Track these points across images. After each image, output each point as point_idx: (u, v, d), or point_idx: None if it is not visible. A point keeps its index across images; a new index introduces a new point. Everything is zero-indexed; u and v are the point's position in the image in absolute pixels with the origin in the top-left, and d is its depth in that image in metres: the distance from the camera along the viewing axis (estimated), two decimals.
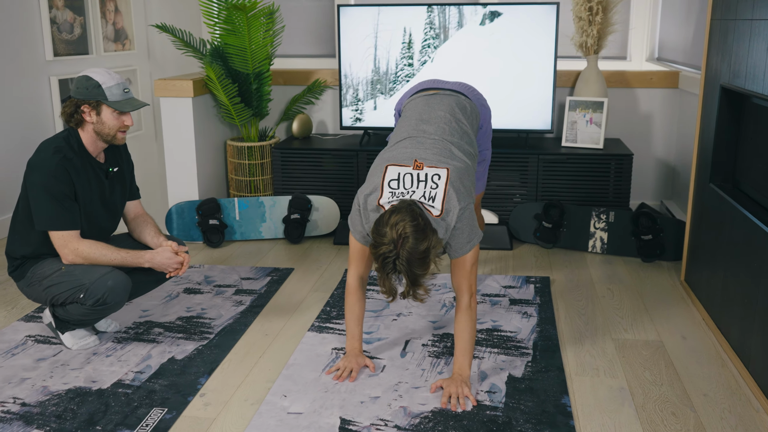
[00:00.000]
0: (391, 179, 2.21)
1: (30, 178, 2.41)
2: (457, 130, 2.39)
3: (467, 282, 2.28)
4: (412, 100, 2.56)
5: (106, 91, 2.43)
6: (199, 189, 3.88)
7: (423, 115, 2.41)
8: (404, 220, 2.04)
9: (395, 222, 2.04)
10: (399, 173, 2.21)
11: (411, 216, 2.05)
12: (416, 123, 2.39)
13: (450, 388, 2.24)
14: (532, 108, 3.84)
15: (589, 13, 3.78)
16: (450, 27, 3.80)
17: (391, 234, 2.03)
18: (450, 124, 2.38)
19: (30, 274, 2.50)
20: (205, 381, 2.37)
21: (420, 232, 2.04)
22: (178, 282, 3.21)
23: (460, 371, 2.28)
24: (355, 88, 3.93)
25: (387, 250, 2.04)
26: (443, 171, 2.20)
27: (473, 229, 2.24)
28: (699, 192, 3.00)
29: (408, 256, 2.03)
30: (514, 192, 3.79)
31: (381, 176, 2.23)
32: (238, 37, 3.76)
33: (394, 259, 2.05)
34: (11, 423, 2.13)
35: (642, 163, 4.18)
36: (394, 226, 2.04)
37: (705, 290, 2.86)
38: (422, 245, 2.04)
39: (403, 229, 2.03)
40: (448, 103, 2.46)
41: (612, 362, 2.48)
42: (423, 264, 2.06)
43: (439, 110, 2.42)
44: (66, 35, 4.28)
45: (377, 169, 2.28)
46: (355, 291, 2.40)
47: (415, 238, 2.03)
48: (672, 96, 4.10)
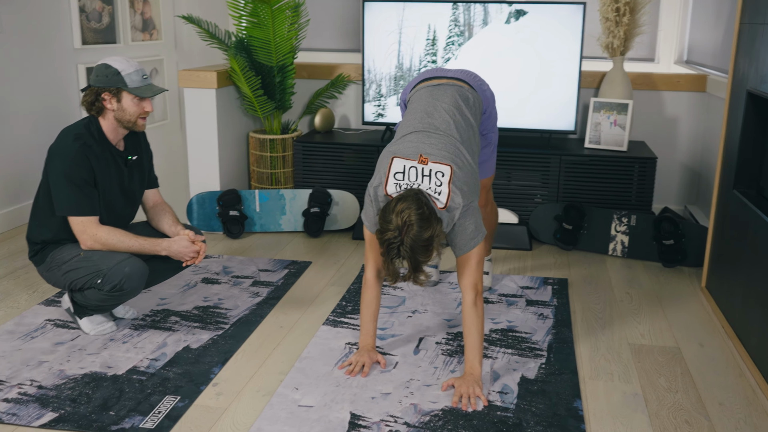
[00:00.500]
0: (396, 171, 2.24)
1: (51, 164, 2.44)
2: (462, 124, 2.40)
3: (472, 279, 2.30)
4: (417, 91, 2.56)
5: (125, 78, 2.46)
6: (221, 180, 3.91)
7: (428, 108, 2.42)
8: (410, 208, 2.09)
9: (401, 209, 2.09)
10: (404, 166, 2.24)
11: (417, 204, 2.10)
12: (422, 116, 2.39)
13: (461, 388, 2.24)
14: (555, 108, 3.81)
15: (616, 13, 3.74)
16: (475, 25, 3.78)
17: (397, 221, 2.09)
18: (455, 117, 2.39)
19: (50, 259, 2.54)
20: (218, 371, 2.39)
21: (424, 220, 2.09)
22: (196, 271, 3.24)
23: (471, 370, 2.29)
24: (378, 83, 3.93)
25: (392, 236, 2.10)
26: (447, 168, 2.22)
27: (477, 227, 2.27)
28: (722, 198, 2.95)
29: (412, 243, 2.09)
30: (535, 192, 3.76)
31: (387, 168, 2.26)
32: (262, 29, 3.77)
33: (398, 245, 2.10)
34: (27, 405, 2.16)
35: (666, 166, 4.13)
36: (400, 213, 2.09)
37: (725, 298, 2.82)
38: (426, 233, 2.09)
39: (408, 216, 2.08)
40: (452, 95, 2.47)
41: (627, 367, 2.46)
42: (426, 251, 2.12)
43: (444, 102, 2.43)
44: (94, 24, 4.32)
45: (383, 161, 2.30)
46: (372, 286, 2.42)
47: (419, 226, 2.08)
48: (699, 100, 4.04)
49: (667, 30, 4.14)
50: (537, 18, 3.72)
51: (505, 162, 3.73)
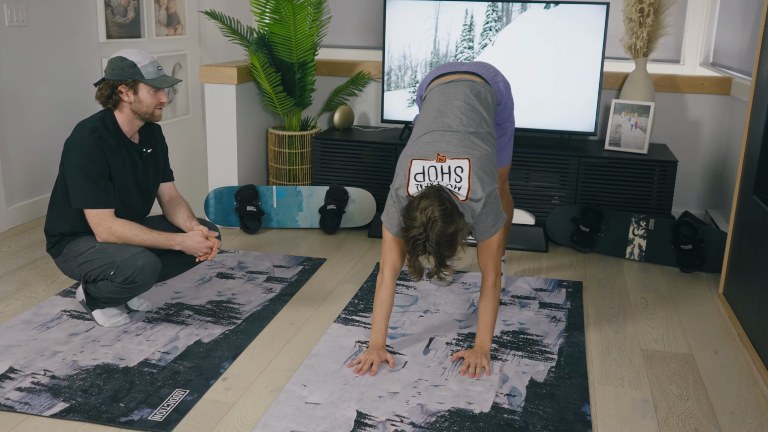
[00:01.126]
0: (416, 173, 2.31)
1: (67, 157, 2.48)
2: (475, 119, 2.44)
3: (492, 263, 2.42)
4: (431, 90, 2.60)
5: (141, 69, 2.49)
6: (239, 175, 3.93)
7: (441, 107, 2.47)
8: (433, 205, 2.17)
9: (424, 207, 2.17)
10: (423, 167, 2.31)
11: (439, 201, 2.18)
12: (435, 116, 2.45)
13: (470, 359, 2.41)
14: (575, 109, 3.77)
15: (640, 14, 3.69)
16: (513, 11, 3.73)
17: (421, 218, 2.16)
18: (467, 113, 2.44)
19: (66, 251, 2.58)
20: (228, 365, 2.41)
21: (448, 216, 2.17)
22: (211, 266, 3.27)
23: (481, 344, 2.45)
24: (414, 69, 3.90)
25: (417, 233, 2.17)
26: (465, 162, 2.29)
27: (498, 214, 2.36)
28: (742, 203, 2.91)
29: (437, 238, 2.16)
30: (552, 194, 3.73)
31: (407, 170, 2.33)
32: (284, 26, 3.78)
33: (423, 241, 2.18)
34: (39, 394, 2.20)
35: (688, 170, 4.07)
36: (424, 210, 2.17)
37: (742, 305, 2.77)
38: (450, 228, 2.17)
39: (432, 213, 2.16)
40: (463, 91, 2.51)
41: (638, 373, 2.43)
42: (451, 246, 2.20)
43: (456, 99, 2.48)
44: (119, 18, 4.37)
45: (403, 164, 2.37)
46: (387, 286, 2.45)
47: (443, 221, 2.16)
48: (723, 103, 3.98)
49: (693, 31, 4.07)
50: (559, 17, 3.68)
51: (523, 163, 3.70)
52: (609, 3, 3.65)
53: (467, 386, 2.31)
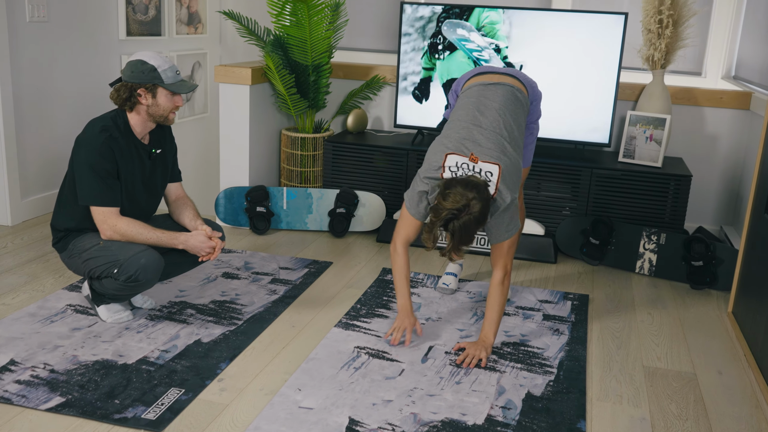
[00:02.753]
0: (449, 165, 2.43)
1: (77, 154, 2.51)
2: (511, 124, 2.55)
3: (503, 261, 2.55)
4: (470, 87, 2.69)
5: (162, 74, 2.51)
6: (250, 175, 3.95)
7: (480, 106, 2.56)
8: (476, 198, 2.29)
9: (466, 197, 2.28)
10: (457, 162, 2.42)
11: (483, 198, 2.31)
12: (474, 114, 2.54)
13: (470, 349, 2.52)
14: (590, 120, 3.74)
15: (659, 26, 3.64)
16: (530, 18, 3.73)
17: (462, 199, 2.27)
18: (504, 117, 2.53)
19: (71, 247, 2.60)
20: (225, 366, 2.42)
21: (483, 214, 2.31)
22: (218, 265, 3.28)
23: (484, 337, 2.55)
24: None
25: (454, 207, 2.27)
26: (495, 168, 2.39)
27: (513, 221, 2.49)
28: (754, 222, 2.86)
29: (465, 223, 2.29)
30: (563, 205, 3.70)
31: (442, 162, 2.44)
32: (300, 28, 3.79)
33: (452, 218, 2.28)
34: (37, 388, 2.22)
35: (703, 185, 4.01)
36: (463, 197, 2.28)
37: (750, 325, 2.72)
38: (479, 223, 2.32)
39: (474, 202, 2.28)
40: (503, 95, 2.61)
41: (638, 390, 2.40)
42: (471, 237, 2.34)
43: (495, 102, 2.57)
44: (140, 16, 4.42)
45: (437, 155, 2.47)
46: (401, 254, 2.60)
47: (476, 218, 2.29)
48: (742, 118, 3.91)
49: (716, 44, 4.02)
50: (576, 27, 3.65)
51: (535, 172, 3.67)
52: (627, 13, 3.61)
53: (462, 397, 2.29)
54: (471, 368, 2.47)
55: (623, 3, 4.11)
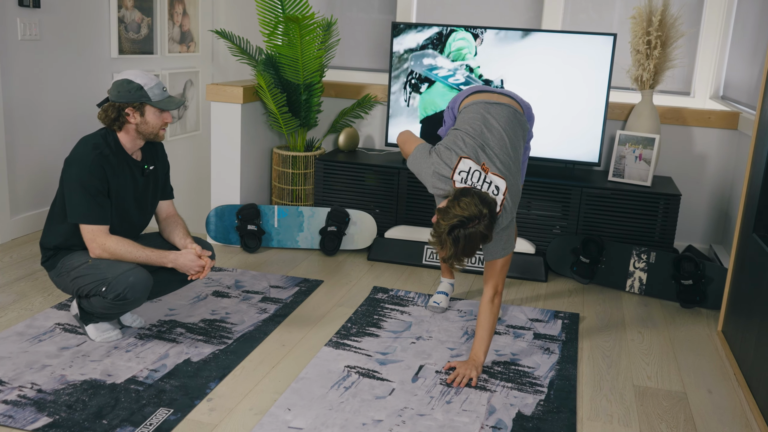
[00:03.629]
0: (462, 170, 2.46)
1: (67, 172, 2.50)
2: (514, 144, 2.60)
3: (494, 280, 2.59)
4: (472, 104, 2.72)
5: (148, 92, 2.51)
6: (241, 193, 3.95)
7: (486, 123, 2.61)
8: (484, 214, 2.31)
9: (480, 209, 2.30)
10: (470, 168, 2.46)
11: (491, 214, 2.34)
12: (481, 129, 2.58)
13: (460, 369, 2.53)
14: (580, 139, 3.76)
15: (647, 46, 3.68)
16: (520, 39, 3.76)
17: (470, 210, 2.29)
18: (509, 136, 2.59)
19: (60, 265, 2.59)
20: (214, 386, 2.40)
21: (489, 229, 2.34)
22: (208, 284, 3.27)
23: (475, 356, 2.56)
24: None
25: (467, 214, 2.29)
26: (502, 183, 2.45)
27: (510, 240, 2.57)
28: (743, 241, 2.87)
29: (470, 235, 2.31)
30: (553, 223, 3.71)
31: (455, 164, 2.47)
32: (291, 47, 3.81)
33: (458, 226, 2.30)
34: (24, 408, 2.20)
35: (693, 204, 4.04)
36: (476, 208, 2.30)
37: (740, 344, 2.73)
38: (483, 239, 2.34)
39: (481, 216, 2.30)
40: (507, 116, 2.66)
41: (628, 410, 2.40)
42: (473, 250, 2.35)
43: (499, 122, 2.62)
44: (132, 35, 4.43)
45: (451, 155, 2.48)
46: None
47: (482, 232, 2.32)
48: (730, 137, 3.95)
49: (704, 64, 4.06)
50: (565, 48, 3.69)
51: (525, 191, 3.69)
52: (616, 34, 3.65)
53: (453, 416, 2.28)
54: (462, 387, 2.47)
55: (612, 24, 4.15)
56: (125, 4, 4.32)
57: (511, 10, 4.25)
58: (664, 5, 3.67)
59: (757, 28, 3.65)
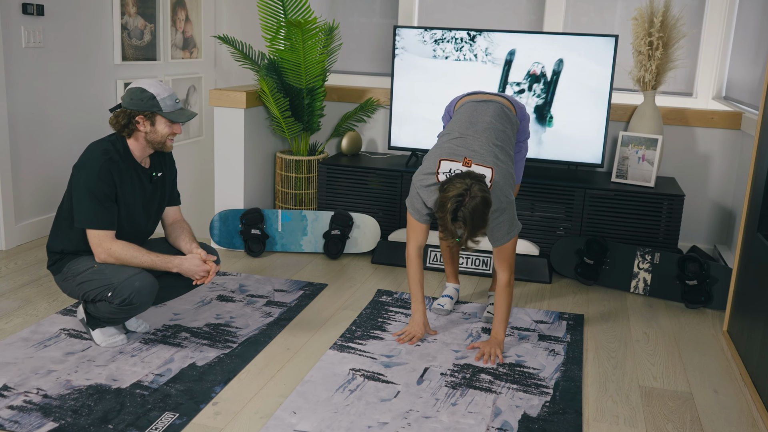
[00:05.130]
0: (443, 171, 2.55)
1: (76, 177, 2.51)
2: (501, 135, 2.69)
3: (507, 263, 2.69)
4: (463, 105, 2.86)
5: (160, 102, 2.52)
6: (245, 198, 3.96)
7: (472, 118, 2.72)
8: (475, 183, 2.41)
9: (464, 182, 2.40)
10: (451, 168, 2.54)
11: (481, 182, 2.43)
12: (466, 125, 2.70)
13: (485, 348, 2.70)
14: (583, 141, 3.76)
15: (649, 47, 3.68)
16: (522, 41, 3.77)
17: (464, 185, 2.39)
18: (495, 128, 2.69)
19: (66, 269, 2.60)
20: (220, 390, 2.40)
21: (485, 197, 2.41)
22: (213, 288, 3.28)
23: (495, 335, 2.73)
24: None
25: (457, 193, 2.38)
26: (488, 171, 2.52)
27: (512, 223, 2.62)
28: (747, 240, 2.87)
29: (474, 205, 2.38)
30: (557, 225, 3.71)
31: (435, 168, 2.57)
32: (294, 52, 3.82)
33: (459, 205, 2.38)
34: (30, 413, 2.20)
35: (697, 204, 4.03)
36: (461, 182, 2.41)
37: (745, 344, 2.72)
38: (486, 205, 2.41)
39: (474, 185, 2.40)
40: (494, 110, 2.77)
41: (634, 410, 2.39)
42: (483, 218, 2.42)
43: (486, 116, 2.73)
44: (136, 41, 4.45)
45: (431, 162, 2.61)
46: (416, 259, 2.78)
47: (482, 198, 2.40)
48: (733, 137, 3.94)
49: (707, 65, 4.06)
50: (568, 49, 3.69)
51: (528, 193, 3.69)
52: (618, 35, 3.65)
53: (458, 418, 2.28)
54: (492, 364, 2.64)
55: (614, 26, 4.16)
56: (128, 11, 4.34)
57: (513, 12, 4.25)
58: (666, 6, 3.67)
59: (759, 27, 3.64)
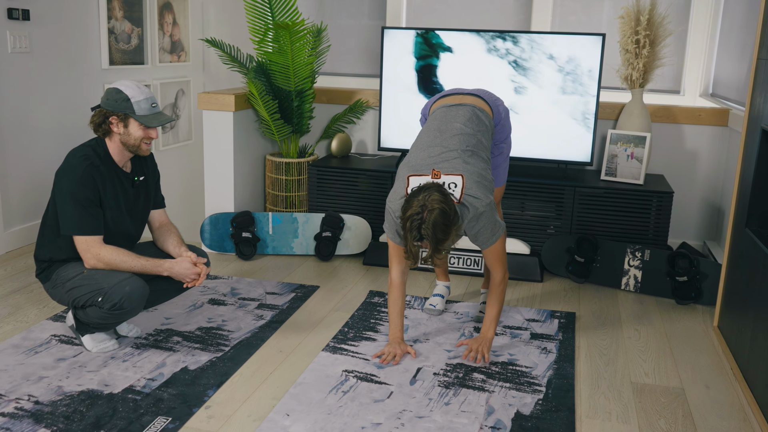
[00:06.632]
0: (412, 186, 2.49)
1: (58, 184, 2.50)
2: (471, 141, 2.62)
3: (498, 262, 2.65)
4: (434, 111, 2.80)
5: (134, 105, 2.50)
6: (235, 201, 3.95)
7: (441, 126, 2.66)
8: (431, 191, 2.36)
9: (424, 195, 2.35)
10: (420, 183, 2.48)
11: (437, 189, 2.38)
12: (435, 134, 2.64)
13: (472, 345, 2.68)
14: (572, 139, 3.77)
15: (636, 46, 3.70)
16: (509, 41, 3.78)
17: (420, 201, 2.34)
18: (465, 134, 2.62)
19: (55, 277, 2.58)
20: (212, 393, 2.40)
21: (444, 201, 2.34)
22: (204, 292, 3.27)
23: (485, 333, 2.71)
24: None
25: (414, 212, 2.33)
26: (458, 178, 2.47)
27: (495, 224, 2.56)
28: (736, 236, 2.89)
29: (434, 220, 2.31)
30: (548, 223, 3.72)
31: (405, 187, 2.51)
32: (282, 54, 3.82)
33: (419, 223, 2.32)
34: (21, 420, 2.19)
35: (686, 201, 4.05)
36: (421, 194, 2.36)
37: (736, 339, 2.74)
38: (446, 212, 2.33)
39: (430, 196, 2.34)
40: (464, 115, 2.70)
41: (627, 407, 2.40)
42: (446, 230, 2.34)
43: (456, 122, 2.66)
44: (123, 45, 4.43)
45: (401, 182, 2.55)
46: (398, 286, 2.70)
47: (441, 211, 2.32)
48: (721, 134, 3.97)
49: (693, 62, 4.08)
50: (556, 48, 3.70)
51: (518, 192, 3.70)
52: (605, 34, 3.67)
53: (452, 418, 2.29)
54: (478, 363, 2.64)
55: (601, 24, 4.17)
56: (115, 15, 4.32)
57: (501, 12, 4.27)
58: (652, 4, 3.69)
59: (745, 24, 3.67)
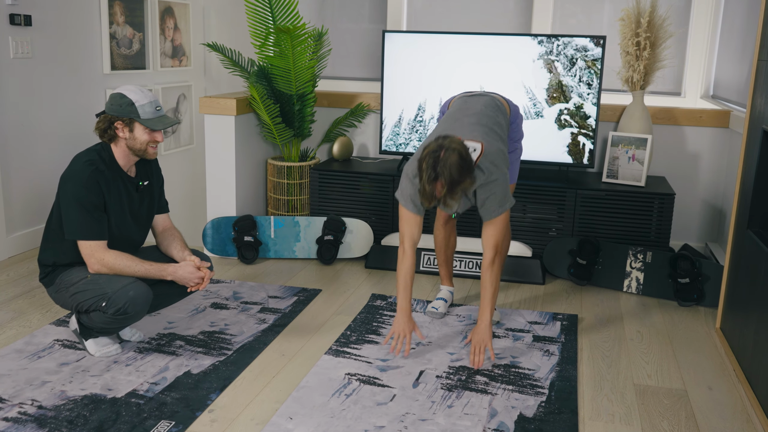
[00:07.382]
0: None
1: (63, 188, 2.50)
2: (492, 120, 2.71)
3: (494, 239, 2.62)
4: (455, 102, 2.91)
5: (139, 109, 2.51)
6: (237, 205, 3.95)
7: (463, 108, 2.78)
8: (449, 139, 2.41)
9: (436, 143, 2.40)
10: None
11: (455, 140, 2.42)
12: (457, 115, 2.74)
13: (474, 339, 2.66)
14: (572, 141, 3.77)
15: (637, 48, 3.71)
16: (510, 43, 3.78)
17: (439, 142, 2.39)
18: (486, 114, 2.71)
19: (59, 281, 2.59)
20: (215, 397, 2.40)
21: (462, 153, 2.37)
22: (206, 296, 3.27)
23: (482, 319, 2.68)
24: None
25: (432, 149, 2.37)
26: (478, 145, 2.51)
27: (505, 197, 2.59)
28: (738, 238, 2.89)
29: (451, 160, 2.34)
30: (549, 226, 3.72)
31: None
32: (283, 58, 3.83)
33: (435, 161, 2.34)
34: (25, 425, 2.19)
35: (687, 203, 4.05)
36: (433, 143, 2.40)
37: (738, 340, 2.74)
38: (463, 158, 2.36)
39: (450, 140, 2.39)
40: (485, 101, 2.81)
41: (630, 409, 2.40)
42: (461, 172, 2.35)
43: (477, 105, 2.77)
44: (124, 50, 4.44)
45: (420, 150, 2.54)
46: (409, 256, 2.67)
47: (459, 150, 2.36)
48: (722, 136, 3.97)
49: (694, 64, 4.09)
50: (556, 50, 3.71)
51: (520, 195, 3.70)
52: (605, 36, 3.67)
53: (455, 420, 2.29)
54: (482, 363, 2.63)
55: (602, 27, 4.18)
56: (116, 20, 4.34)
57: (501, 15, 4.27)
58: (652, 6, 3.70)
59: (745, 26, 3.68)
